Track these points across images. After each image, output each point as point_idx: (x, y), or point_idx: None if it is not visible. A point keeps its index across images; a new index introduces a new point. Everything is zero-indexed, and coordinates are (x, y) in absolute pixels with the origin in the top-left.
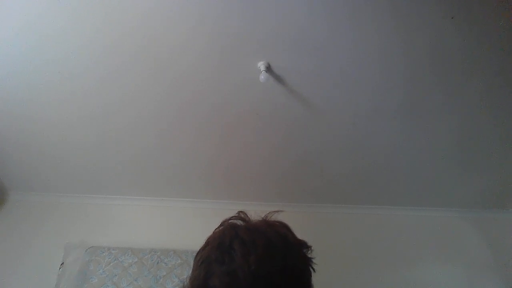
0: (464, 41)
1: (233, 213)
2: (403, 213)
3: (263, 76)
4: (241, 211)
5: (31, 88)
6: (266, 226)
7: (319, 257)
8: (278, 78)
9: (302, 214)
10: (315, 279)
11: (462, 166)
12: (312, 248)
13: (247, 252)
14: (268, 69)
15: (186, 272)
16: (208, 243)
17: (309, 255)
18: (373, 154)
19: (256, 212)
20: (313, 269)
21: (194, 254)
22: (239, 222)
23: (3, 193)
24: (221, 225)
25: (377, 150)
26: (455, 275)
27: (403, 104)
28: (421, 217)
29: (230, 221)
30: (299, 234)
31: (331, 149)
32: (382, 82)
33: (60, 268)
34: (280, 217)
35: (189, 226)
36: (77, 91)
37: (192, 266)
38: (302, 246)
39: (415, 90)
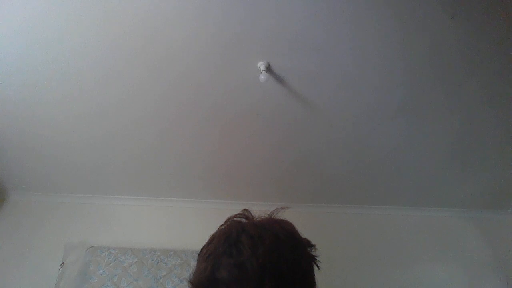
0: (464, 41)
1: (233, 213)
2: (403, 213)
3: (263, 76)
4: (245, 209)
5: (31, 88)
6: (272, 223)
7: (319, 257)
8: (278, 78)
9: (302, 214)
10: (315, 279)
11: (462, 166)
12: (315, 247)
13: (255, 245)
14: (268, 69)
15: (186, 272)
16: (213, 237)
17: (313, 253)
18: (373, 154)
19: (259, 211)
20: (318, 267)
21: (194, 254)
22: (244, 220)
23: (3, 193)
24: (225, 222)
25: (377, 150)
26: (455, 275)
27: (403, 104)
28: (421, 217)
29: (234, 218)
30: None
31: (331, 149)
32: (382, 82)
33: (60, 268)
34: (281, 217)
35: (189, 226)
36: (77, 91)
37: (197, 260)
38: (306, 244)
39: (415, 90)
